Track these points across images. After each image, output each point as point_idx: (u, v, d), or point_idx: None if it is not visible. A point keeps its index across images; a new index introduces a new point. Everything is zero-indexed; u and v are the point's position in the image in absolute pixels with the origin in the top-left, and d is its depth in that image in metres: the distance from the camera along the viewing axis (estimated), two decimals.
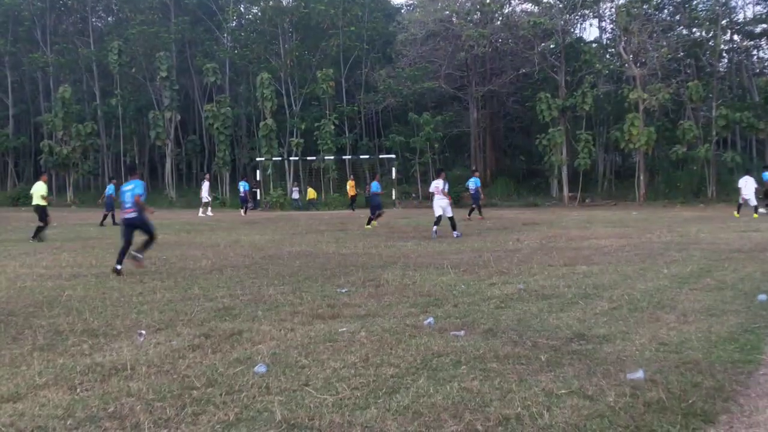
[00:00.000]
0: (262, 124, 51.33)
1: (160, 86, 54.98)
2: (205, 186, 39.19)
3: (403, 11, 64.28)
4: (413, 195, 52.14)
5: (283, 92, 55.01)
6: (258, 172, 50.39)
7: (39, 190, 22.09)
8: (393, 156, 50.57)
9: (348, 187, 44.64)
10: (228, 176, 54.84)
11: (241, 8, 62.94)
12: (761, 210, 29.44)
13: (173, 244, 19.21)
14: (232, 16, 59.42)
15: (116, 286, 11.27)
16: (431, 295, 9.91)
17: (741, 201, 29.38)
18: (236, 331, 7.64)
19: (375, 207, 26.06)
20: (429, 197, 22.91)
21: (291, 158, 52.96)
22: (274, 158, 51.16)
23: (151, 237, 13.64)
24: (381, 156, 52.77)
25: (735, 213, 29.22)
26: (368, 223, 25.59)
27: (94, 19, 64.74)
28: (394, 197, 47.67)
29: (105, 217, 29.19)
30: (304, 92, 55.21)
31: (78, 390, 5.59)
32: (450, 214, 21.35)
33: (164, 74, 53.45)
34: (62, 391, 5.56)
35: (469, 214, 30.23)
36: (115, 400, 5.30)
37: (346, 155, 52.84)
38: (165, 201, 52.56)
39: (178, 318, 8.50)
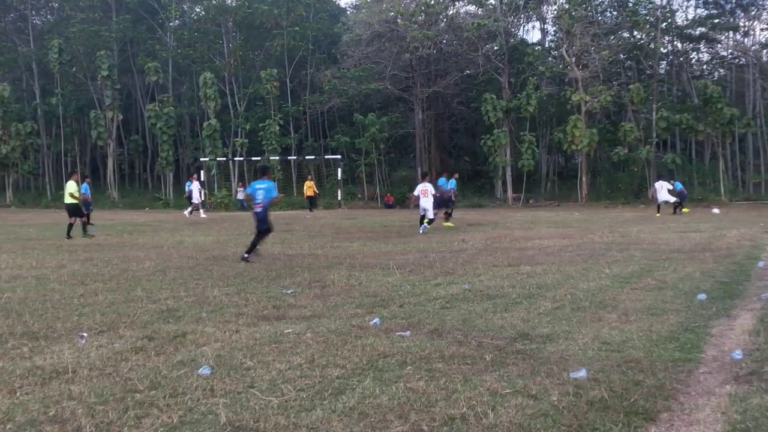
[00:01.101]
0: (205, 124, 50.82)
1: (102, 85, 53.95)
2: (195, 186, 37.07)
3: (348, 12, 64.18)
4: (359, 195, 52.20)
5: (227, 92, 54.59)
6: (202, 172, 49.76)
7: (69, 189, 22.41)
8: (338, 156, 50.41)
9: (305, 187, 44.11)
10: (171, 177, 54.28)
11: (184, 7, 61.98)
12: (677, 211, 30.74)
13: (116, 246, 18.94)
14: (174, 15, 58.62)
15: (57, 288, 11.03)
16: (377, 296, 9.92)
17: (659, 203, 31.18)
18: (180, 333, 7.56)
19: (447, 203, 26.43)
20: (414, 200, 23.39)
21: (235, 158, 52.58)
22: (218, 158, 50.70)
23: (267, 232, 15.62)
24: (326, 156, 52.59)
25: (656, 213, 30.57)
26: (447, 220, 26.08)
27: (33, 17, 63.36)
28: (339, 198, 47.64)
29: (89, 216, 28.05)
30: (248, 92, 54.74)
31: (18, 394, 5.47)
32: (431, 216, 22.61)
33: (105, 73, 52.46)
34: (1, 395, 5.44)
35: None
36: (56, 403, 5.19)
37: (291, 156, 52.61)
38: (107, 202, 51.67)
39: (120, 320, 8.36)
